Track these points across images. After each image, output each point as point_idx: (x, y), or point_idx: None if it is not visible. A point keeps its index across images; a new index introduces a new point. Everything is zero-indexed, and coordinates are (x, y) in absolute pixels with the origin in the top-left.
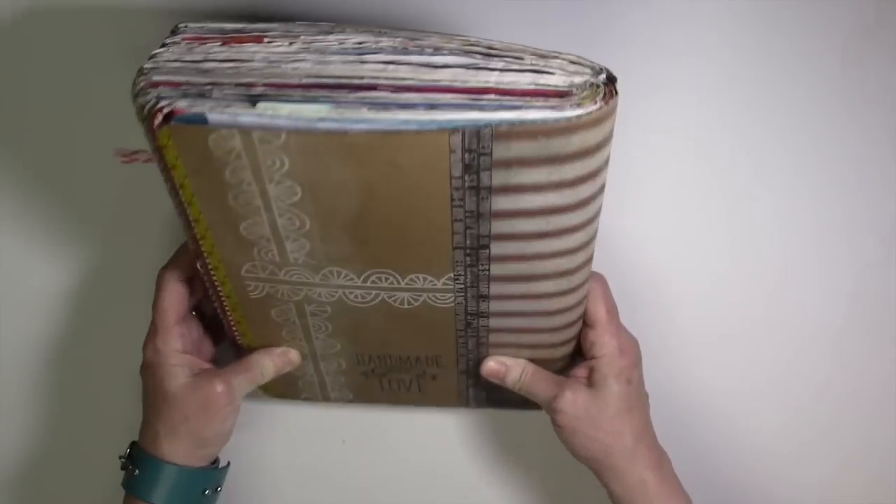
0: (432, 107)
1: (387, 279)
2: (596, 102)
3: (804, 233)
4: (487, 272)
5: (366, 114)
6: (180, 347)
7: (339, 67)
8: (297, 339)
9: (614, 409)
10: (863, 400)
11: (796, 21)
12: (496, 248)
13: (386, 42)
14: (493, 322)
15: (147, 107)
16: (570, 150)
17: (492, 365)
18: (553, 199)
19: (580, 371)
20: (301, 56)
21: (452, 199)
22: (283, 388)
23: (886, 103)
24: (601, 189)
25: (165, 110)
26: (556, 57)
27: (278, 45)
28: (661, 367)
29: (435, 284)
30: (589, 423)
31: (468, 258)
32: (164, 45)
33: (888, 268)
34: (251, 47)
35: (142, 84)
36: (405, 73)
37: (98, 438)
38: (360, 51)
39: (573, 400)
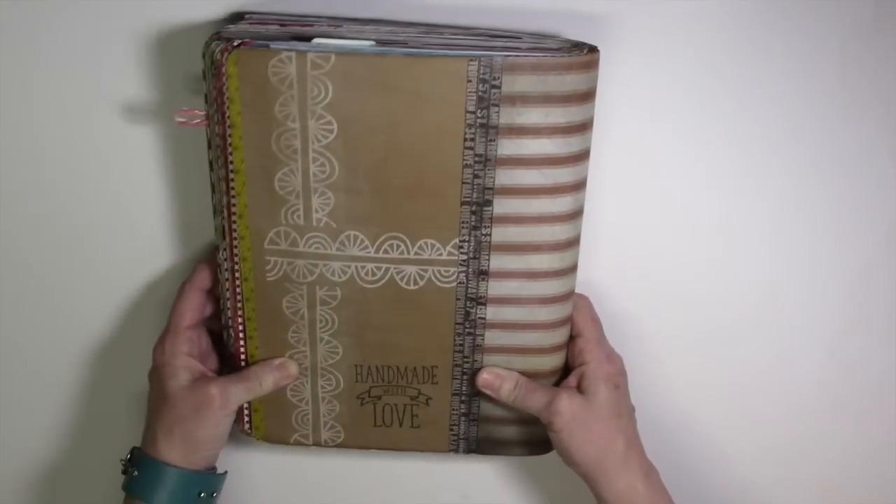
0: (454, 48)
1: (398, 247)
2: (583, 52)
3: (801, 234)
4: (489, 238)
5: (401, 49)
6: (186, 350)
7: (376, 36)
8: (301, 344)
9: (606, 414)
10: (861, 401)
11: (793, 21)
12: (498, 207)
13: (412, 30)
14: (490, 313)
15: (218, 48)
16: (563, 91)
17: (486, 376)
18: (548, 146)
19: (571, 380)
20: (344, 33)
21: (465, 139)
22: (275, 426)
23: (884, 103)
24: (587, 153)
25: (236, 42)
26: (549, 37)
27: (326, 29)
28: (658, 370)
29: (441, 254)
30: (584, 427)
31: (473, 217)
32: (232, 24)
33: (885, 268)
34: (304, 28)
35: (214, 39)
36: (430, 40)
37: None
38: (393, 33)
39: (569, 403)
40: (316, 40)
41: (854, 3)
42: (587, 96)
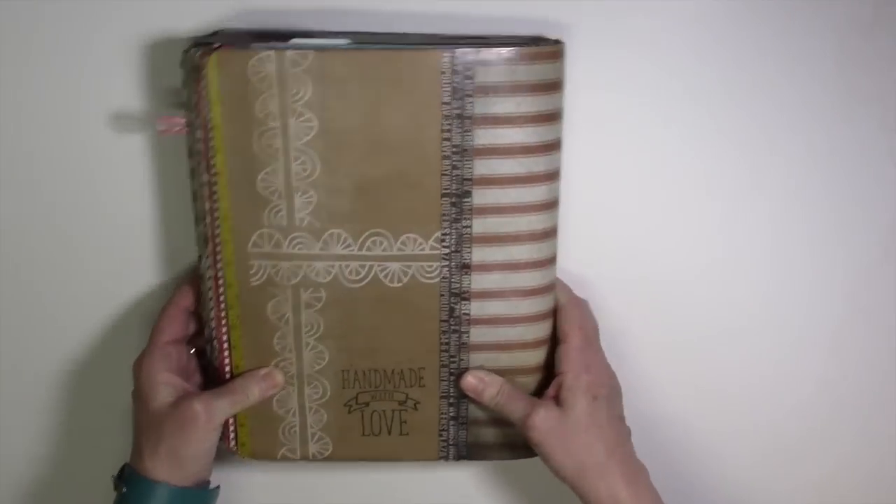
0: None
1: (381, 244)
2: (550, 43)
3: (800, 233)
4: (470, 230)
5: (377, 45)
6: (165, 366)
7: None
8: (287, 351)
9: (584, 425)
10: (860, 400)
11: (792, 20)
12: (477, 198)
13: (384, 37)
14: (475, 308)
15: (197, 53)
16: (533, 80)
17: (470, 380)
18: (521, 135)
19: (551, 390)
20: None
21: (442, 130)
22: (261, 442)
23: (883, 103)
24: (559, 143)
25: (216, 45)
26: (515, 36)
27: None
28: (659, 368)
29: (423, 248)
30: (561, 440)
31: (454, 209)
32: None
33: (885, 267)
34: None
35: (192, 46)
36: (402, 41)
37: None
38: (364, 39)
39: (545, 417)
40: (294, 40)
41: (853, 3)
42: (555, 86)
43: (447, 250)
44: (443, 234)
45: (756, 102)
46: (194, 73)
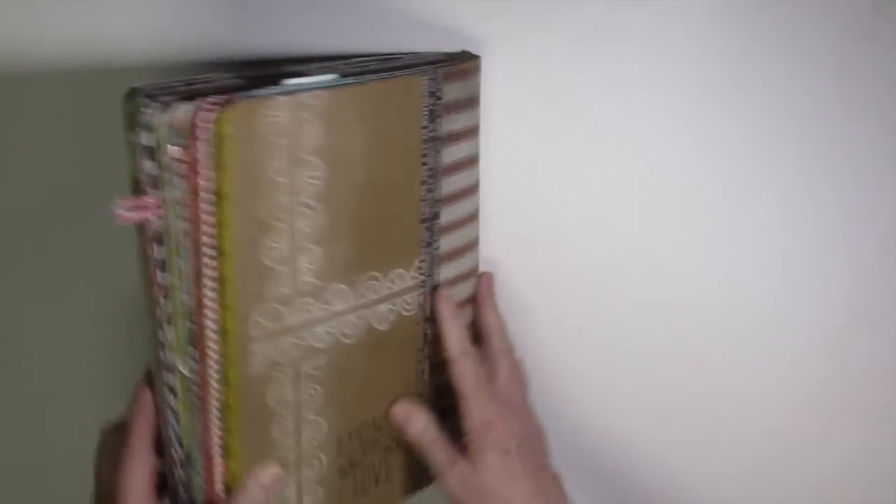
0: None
1: (374, 287)
2: (473, 56)
3: (800, 234)
4: (439, 250)
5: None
6: None
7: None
8: (286, 436)
9: (496, 482)
10: (861, 402)
11: (791, 19)
12: (444, 216)
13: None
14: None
15: (187, 110)
16: (476, 93)
17: (398, 410)
18: (472, 147)
19: (463, 447)
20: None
21: (422, 154)
22: None
23: (883, 103)
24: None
25: (221, 99)
26: (427, 52)
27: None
28: (659, 366)
29: (406, 281)
30: (474, 496)
31: (427, 233)
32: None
33: (884, 268)
34: (209, 84)
35: (157, 104)
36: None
37: None
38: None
39: (459, 478)
40: (286, 81)
41: (853, 3)
42: (477, 98)
43: (423, 277)
44: (420, 262)
45: (753, 103)
46: (184, 138)
